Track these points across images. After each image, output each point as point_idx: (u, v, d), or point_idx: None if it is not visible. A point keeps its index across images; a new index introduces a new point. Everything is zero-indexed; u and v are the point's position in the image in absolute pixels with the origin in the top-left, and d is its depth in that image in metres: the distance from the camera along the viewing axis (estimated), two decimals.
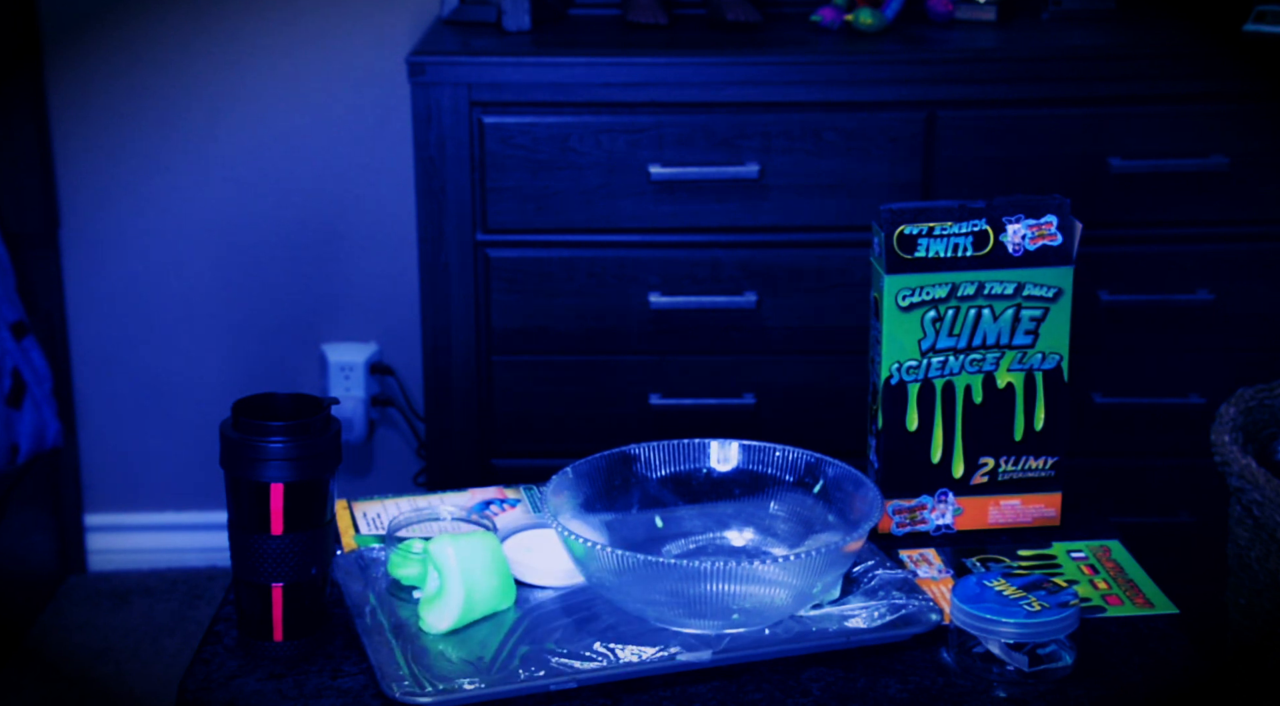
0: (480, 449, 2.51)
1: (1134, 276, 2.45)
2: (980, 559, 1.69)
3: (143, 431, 3.03)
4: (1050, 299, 1.70)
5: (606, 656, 1.47)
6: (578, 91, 2.40)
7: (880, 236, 1.67)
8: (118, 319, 2.98)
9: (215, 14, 2.85)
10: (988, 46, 2.47)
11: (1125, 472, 2.51)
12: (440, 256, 2.43)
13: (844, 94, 2.39)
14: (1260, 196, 2.41)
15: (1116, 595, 1.63)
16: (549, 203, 2.42)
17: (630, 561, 1.48)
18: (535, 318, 2.46)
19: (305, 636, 1.52)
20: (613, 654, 1.47)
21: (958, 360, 1.71)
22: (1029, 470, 1.75)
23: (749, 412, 2.48)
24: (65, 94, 2.88)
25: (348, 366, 2.97)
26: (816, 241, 2.43)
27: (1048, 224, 1.69)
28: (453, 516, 1.65)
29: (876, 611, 1.55)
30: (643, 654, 1.47)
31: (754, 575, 1.50)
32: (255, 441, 1.48)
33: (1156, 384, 2.49)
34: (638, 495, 1.67)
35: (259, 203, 2.92)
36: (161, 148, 2.90)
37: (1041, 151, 2.40)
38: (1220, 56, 2.42)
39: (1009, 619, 1.46)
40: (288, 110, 2.89)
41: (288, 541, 1.49)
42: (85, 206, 2.93)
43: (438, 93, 2.39)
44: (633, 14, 2.61)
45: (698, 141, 2.39)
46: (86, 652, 2.78)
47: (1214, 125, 2.39)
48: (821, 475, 1.64)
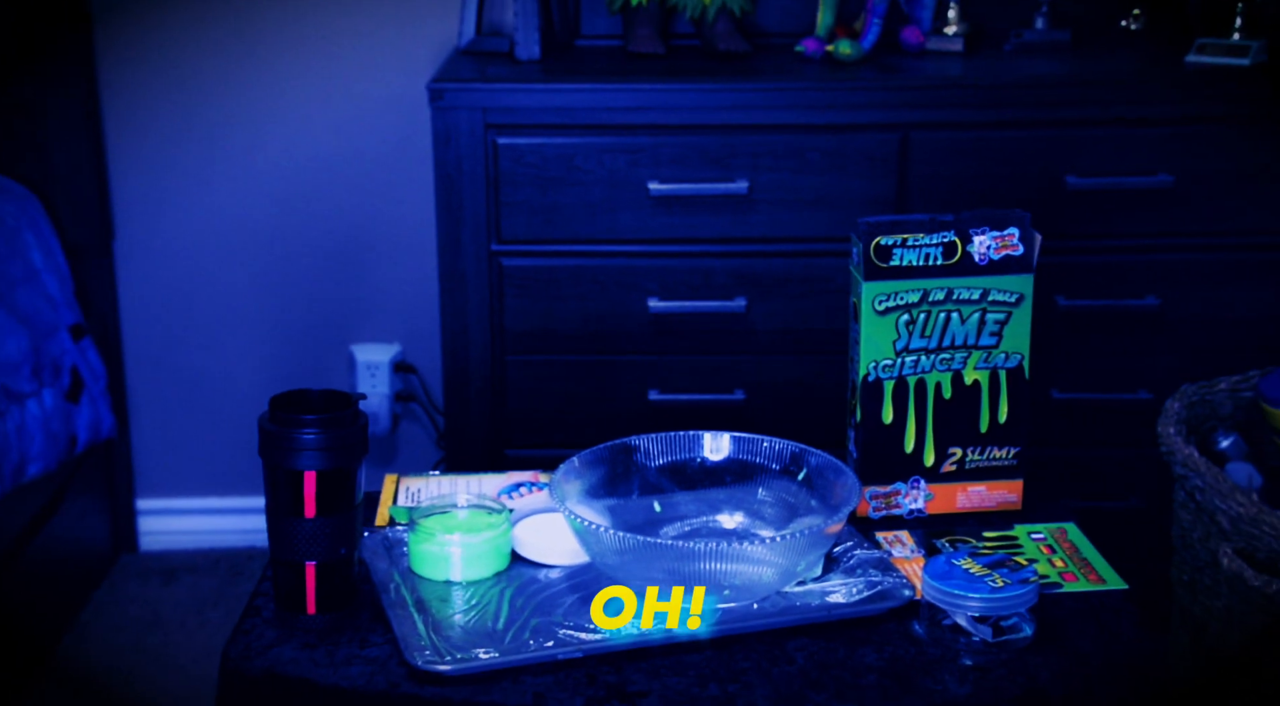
0: (494, 440, 2.51)
1: (1088, 283, 2.44)
2: (949, 540, 1.69)
3: (188, 423, 3.03)
4: (1012, 304, 1.70)
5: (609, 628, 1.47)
6: (583, 115, 2.40)
7: (859, 247, 1.67)
8: (166, 322, 2.98)
9: (257, 44, 2.84)
10: (956, 75, 2.47)
11: (1080, 462, 2.50)
12: (458, 265, 2.43)
13: (825, 117, 2.38)
14: (1202, 211, 2.41)
15: (1072, 572, 1.62)
16: (556, 216, 2.41)
17: (630, 542, 1.48)
18: (544, 321, 2.46)
19: (336, 610, 1.52)
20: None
21: (929, 359, 1.70)
22: (993, 459, 1.74)
23: (739, 407, 2.48)
24: (119, 119, 2.88)
25: (374, 365, 2.96)
26: (800, 251, 2.42)
27: (1010, 235, 1.68)
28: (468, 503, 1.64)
29: (855, 588, 1.54)
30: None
31: (743, 555, 1.50)
32: (290, 433, 1.47)
33: (1108, 381, 2.49)
34: (638, 482, 1.67)
35: (294, 216, 2.92)
36: (206, 167, 2.90)
37: (1004, 170, 2.40)
38: (1165, 84, 2.42)
39: (975, 594, 1.46)
40: (321, 131, 2.89)
41: (319, 524, 1.49)
42: (137, 220, 2.93)
43: (456, 116, 2.38)
44: (633, 44, 2.61)
45: (692, 160, 2.39)
46: (138, 624, 2.78)
47: (1160, 147, 2.39)
48: (805, 464, 1.64)
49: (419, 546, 1.58)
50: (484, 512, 1.62)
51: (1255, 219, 2.42)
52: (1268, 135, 2.39)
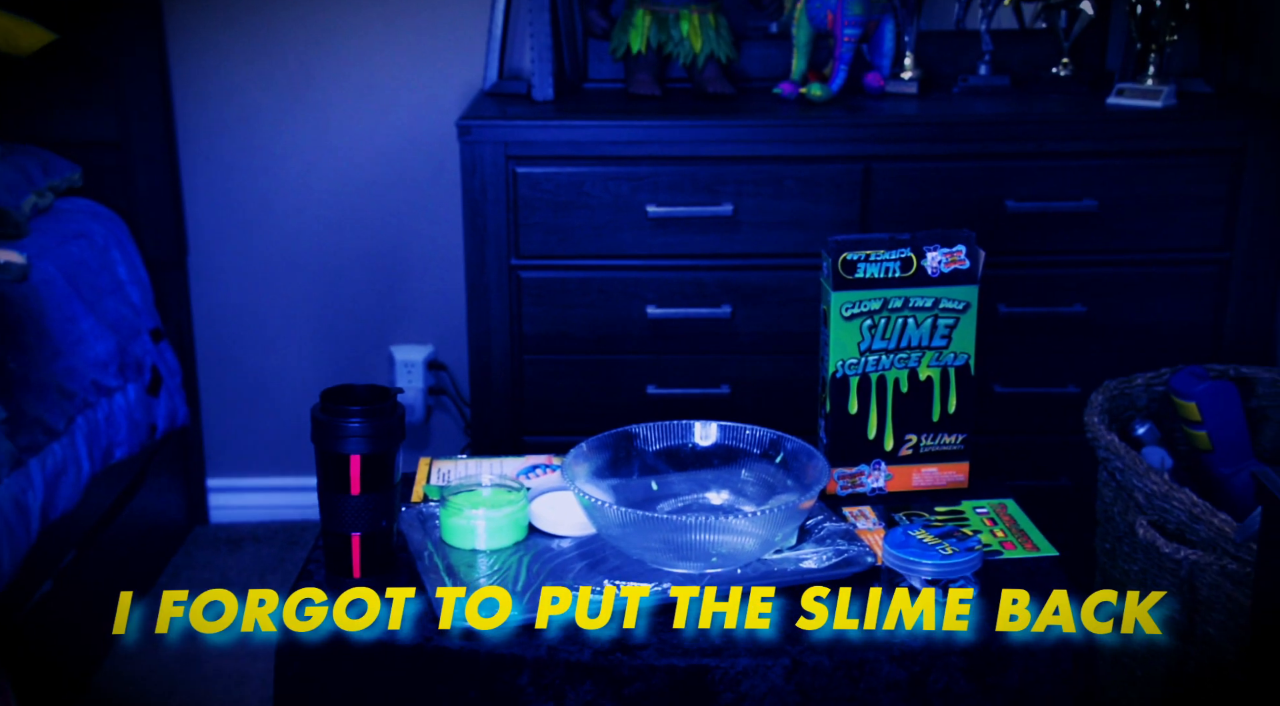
0: (514, 428, 2.50)
1: (1025, 293, 2.44)
2: (906, 513, 1.68)
3: (251, 413, 3.03)
4: (960, 310, 1.70)
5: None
6: (590, 148, 2.39)
7: (828, 261, 1.67)
8: (231, 326, 2.98)
9: (311, 87, 2.84)
10: (911, 114, 2.47)
11: (1018, 446, 2.50)
12: (483, 277, 2.43)
13: (799, 150, 2.38)
14: (1122, 232, 2.41)
15: (1011, 541, 1.62)
16: (568, 235, 2.41)
17: (631, 517, 1.48)
18: (557, 325, 2.45)
19: (377, 574, 1.52)
20: (618, 588, 1.47)
21: (888, 359, 1.70)
22: (944, 444, 1.74)
23: (725, 400, 2.47)
24: (192, 152, 2.87)
25: (410, 363, 2.96)
26: (778, 265, 2.42)
27: (958, 252, 1.68)
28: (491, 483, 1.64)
29: (825, 555, 1.54)
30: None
31: (728, 527, 1.50)
32: (338, 422, 1.47)
33: (1042, 377, 2.48)
34: (637, 465, 1.67)
35: (341, 234, 2.92)
36: (266, 192, 2.90)
37: (953, 195, 2.39)
38: (1090, 123, 2.42)
39: (928, 560, 1.46)
40: (365, 161, 2.88)
41: (363, 500, 1.49)
42: (207, 239, 2.92)
43: (481, 149, 2.38)
44: (633, 87, 2.61)
45: (685, 187, 2.39)
46: (208, 585, 2.78)
47: (1086, 176, 2.39)
48: (782, 449, 1.64)
49: (449, 520, 1.58)
50: (505, 491, 1.62)
51: (1167, 238, 2.42)
52: (1177, 167, 2.39)
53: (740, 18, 2.71)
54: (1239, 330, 2.46)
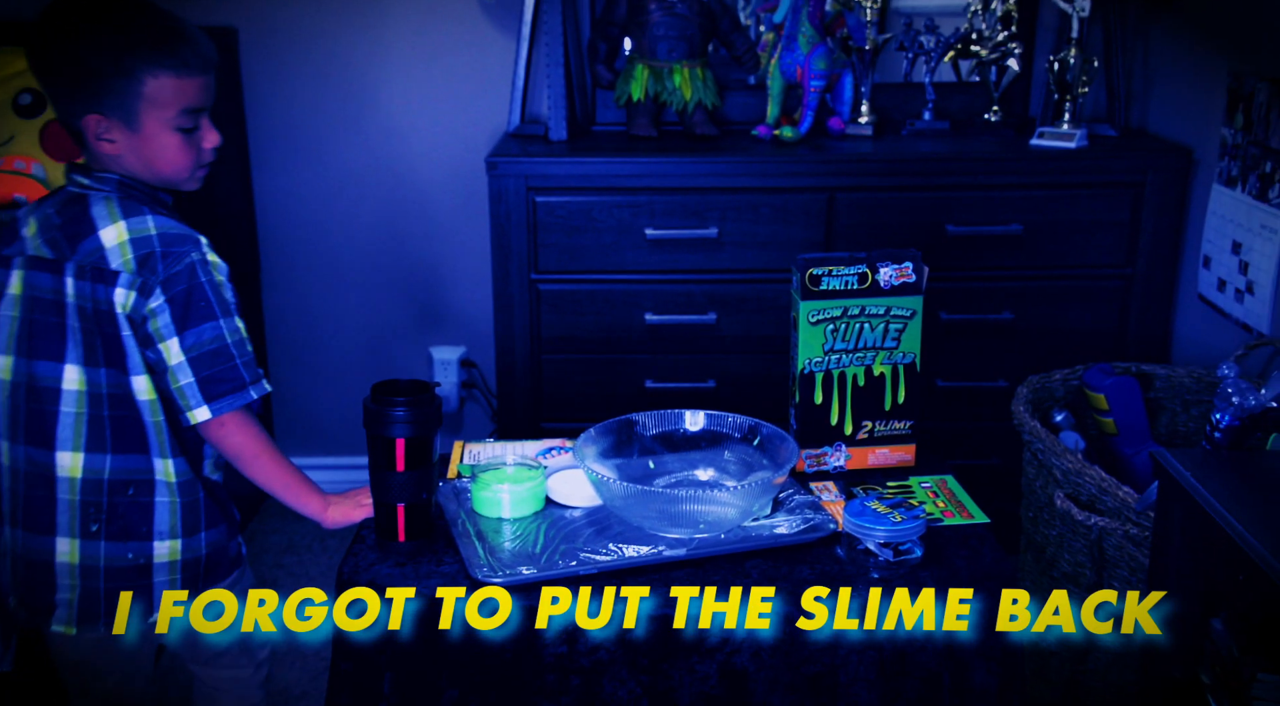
0: (533, 416, 2.50)
1: (962, 303, 2.44)
2: (863, 487, 1.68)
3: (313, 402, 3.02)
4: (908, 317, 1.69)
5: (617, 552, 1.46)
6: (598, 180, 2.39)
7: (797, 276, 1.66)
8: (297, 329, 2.97)
9: (363, 127, 2.83)
10: (867, 152, 2.46)
11: (956, 431, 2.50)
12: (507, 289, 2.42)
13: (774, 182, 2.38)
14: (1042, 251, 2.41)
15: (950, 510, 1.62)
16: (579, 254, 2.40)
17: (632, 490, 1.48)
18: (570, 330, 2.45)
19: (419, 538, 1.51)
20: (620, 551, 1.47)
21: (848, 358, 1.70)
22: (894, 429, 1.74)
23: (711, 392, 2.47)
24: (264, 185, 2.87)
25: (446, 361, 2.95)
26: (756, 279, 2.42)
27: (907, 268, 1.68)
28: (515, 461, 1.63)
29: (794, 523, 1.54)
30: (640, 550, 1.46)
31: (714, 499, 1.50)
32: (386, 410, 1.47)
33: (977, 373, 2.48)
34: (637, 447, 1.66)
35: (387, 253, 2.91)
36: (324, 216, 2.89)
37: (903, 220, 2.39)
38: (1016, 160, 2.41)
39: (881, 527, 1.45)
40: (409, 191, 2.88)
41: (407, 476, 1.49)
42: (277, 255, 2.92)
43: (505, 181, 2.37)
44: (634, 129, 2.60)
45: (677, 213, 2.38)
46: (278, 548, 2.77)
47: (1013, 205, 2.38)
48: (759, 433, 1.64)
49: (479, 493, 1.57)
50: (526, 468, 1.61)
51: (1080, 257, 2.41)
52: (1088, 197, 2.39)
53: (724, 71, 2.70)
54: (1140, 334, 2.45)
